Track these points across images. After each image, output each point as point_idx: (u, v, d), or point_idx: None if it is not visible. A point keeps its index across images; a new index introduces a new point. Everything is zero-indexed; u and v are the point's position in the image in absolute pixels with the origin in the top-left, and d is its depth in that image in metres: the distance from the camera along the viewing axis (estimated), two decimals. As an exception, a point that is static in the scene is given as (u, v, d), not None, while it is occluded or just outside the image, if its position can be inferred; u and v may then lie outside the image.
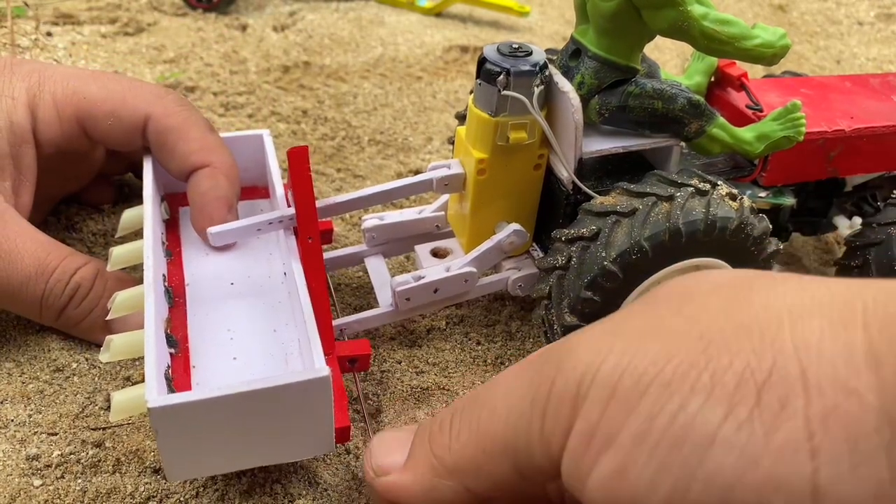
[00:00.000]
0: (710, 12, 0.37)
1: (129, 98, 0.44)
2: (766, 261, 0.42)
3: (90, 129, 0.44)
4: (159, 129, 0.43)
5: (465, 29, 0.89)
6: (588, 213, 0.40)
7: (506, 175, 0.42)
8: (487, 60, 0.39)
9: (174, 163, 0.44)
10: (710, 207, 0.38)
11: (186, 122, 0.44)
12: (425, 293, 0.43)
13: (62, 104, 0.43)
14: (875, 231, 0.48)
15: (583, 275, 0.39)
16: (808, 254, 0.59)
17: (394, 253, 0.49)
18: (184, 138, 0.43)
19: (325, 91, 0.74)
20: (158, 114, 0.43)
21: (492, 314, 0.50)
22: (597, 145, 0.41)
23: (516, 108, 0.39)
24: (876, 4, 1.04)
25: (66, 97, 0.43)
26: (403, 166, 0.64)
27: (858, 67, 0.88)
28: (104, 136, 0.44)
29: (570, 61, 0.42)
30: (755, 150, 0.43)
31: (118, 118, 0.43)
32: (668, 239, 0.38)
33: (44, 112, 0.43)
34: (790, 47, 0.39)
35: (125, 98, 0.44)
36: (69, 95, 0.43)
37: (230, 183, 0.43)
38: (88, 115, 0.43)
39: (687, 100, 0.40)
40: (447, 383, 0.45)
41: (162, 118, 0.43)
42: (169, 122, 0.43)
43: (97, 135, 0.44)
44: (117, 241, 0.52)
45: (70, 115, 0.43)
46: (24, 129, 0.42)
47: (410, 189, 0.44)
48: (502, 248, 0.43)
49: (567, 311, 0.40)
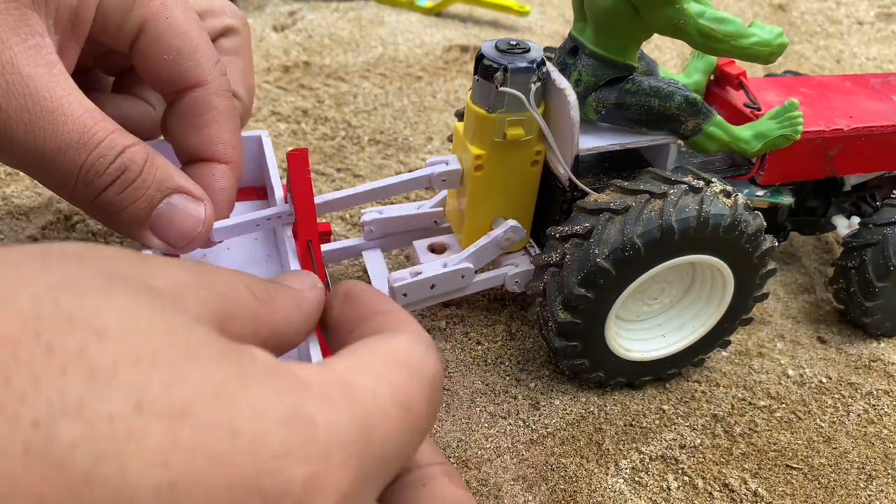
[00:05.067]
0: (707, 10, 0.37)
1: (199, 52, 0.38)
2: (762, 258, 0.42)
3: (141, 46, 0.38)
4: (203, 103, 0.39)
5: (464, 28, 0.90)
6: (582, 211, 0.40)
7: (503, 171, 0.42)
8: (485, 57, 0.39)
9: (196, 140, 0.40)
10: (703, 204, 0.38)
11: (230, 111, 0.40)
12: (422, 289, 0.43)
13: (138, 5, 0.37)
14: (871, 231, 0.48)
15: (576, 271, 0.39)
16: (808, 253, 0.59)
17: (392, 247, 0.50)
18: (221, 125, 0.40)
19: (325, 91, 0.74)
20: (212, 87, 0.39)
21: (492, 314, 0.50)
22: (594, 142, 0.41)
23: (513, 104, 0.39)
24: (876, 4, 1.04)
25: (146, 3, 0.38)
26: (403, 166, 0.64)
27: (858, 67, 0.88)
28: (146, 58, 0.38)
29: (567, 58, 0.42)
30: (752, 149, 0.43)
31: (176, 60, 0.38)
32: (660, 236, 0.38)
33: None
34: (787, 46, 0.39)
35: (197, 50, 0.38)
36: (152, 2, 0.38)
37: (236, 188, 0.43)
38: (154, 34, 0.38)
39: (684, 97, 0.40)
40: (447, 383, 0.45)
41: (212, 94, 0.39)
42: (216, 101, 0.39)
43: (141, 54, 0.38)
44: (117, 240, 0.52)
45: (139, 16, 0.38)
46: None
47: (408, 185, 0.44)
48: (499, 244, 0.44)
49: (561, 308, 0.40)
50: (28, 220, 0.53)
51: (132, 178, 0.36)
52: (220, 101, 0.39)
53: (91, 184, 0.35)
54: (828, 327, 0.53)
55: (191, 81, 0.39)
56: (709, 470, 0.42)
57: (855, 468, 0.43)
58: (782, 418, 0.45)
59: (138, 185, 0.36)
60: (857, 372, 0.49)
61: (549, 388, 0.46)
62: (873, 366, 0.50)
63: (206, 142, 0.39)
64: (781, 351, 0.50)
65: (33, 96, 0.33)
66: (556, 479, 0.41)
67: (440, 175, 0.43)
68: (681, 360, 0.46)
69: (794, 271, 0.57)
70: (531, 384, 0.46)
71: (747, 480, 0.42)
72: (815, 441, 0.44)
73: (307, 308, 0.27)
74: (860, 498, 0.41)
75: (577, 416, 0.44)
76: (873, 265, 0.47)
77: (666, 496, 0.40)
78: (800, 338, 0.51)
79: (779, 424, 0.45)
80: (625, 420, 0.44)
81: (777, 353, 0.50)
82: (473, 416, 0.44)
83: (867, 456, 0.44)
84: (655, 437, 0.43)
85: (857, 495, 0.41)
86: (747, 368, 0.49)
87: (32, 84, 0.33)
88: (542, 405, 0.45)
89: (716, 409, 0.46)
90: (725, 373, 0.48)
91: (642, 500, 0.40)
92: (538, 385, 0.46)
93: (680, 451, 0.43)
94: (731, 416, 0.45)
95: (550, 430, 0.43)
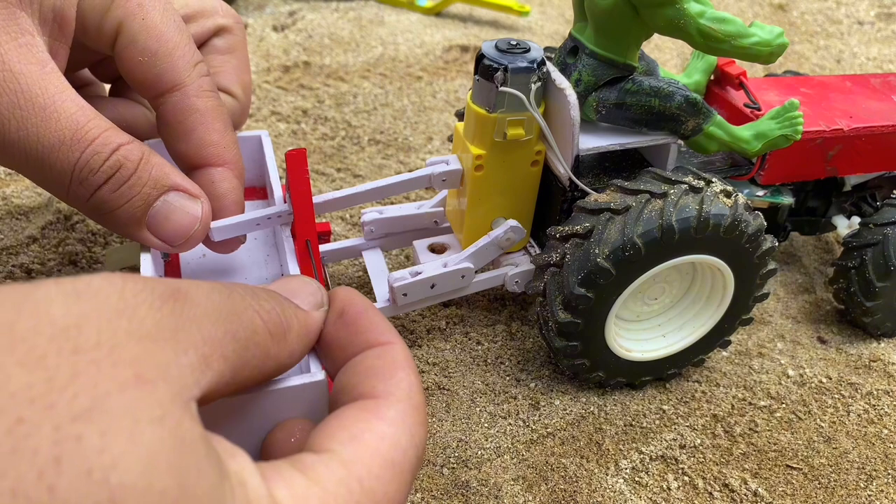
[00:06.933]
0: (707, 10, 0.37)
1: (175, 54, 0.38)
2: (762, 258, 0.42)
3: (119, 47, 0.38)
4: (184, 107, 0.38)
5: (464, 28, 0.90)
6: (582, 210, 0.40)
7: (503, 171, 0.42)
8: (485, 57, 0.39)
9: (185, 146, 0.39)
10: (704, 204, 0.38)
11: (214, 111, 0.39)
12: (422, 288, 0.43)
13: (118, 4, 0.37)
14: (872, 231, 0.48)
15: (576, 271, 0.39)
16: (808, 253, 0.59)
17: (392, 247, 0.49)
18: (207, 127, 0.39)
19: (325, 91, 0.74)
20: (191, 89, 0.38)
21: (492, 314, 0.50)
22: (594, 142, 0.41)
23: (514, 104, 0.39)
24: (876, 4, 1.04)
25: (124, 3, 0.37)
26: (403, 166, 0.64)
27: (858, 67, 0.88)
28: (124, 60, 0.38)
29: (567, 58, 0.42)
30: (752, 149, 0.43)
31: (152, 62, 0.37)
32: (661, 236, 0.38)
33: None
34: (787, 46, 0.39)
35: (173, 51, 0.38)
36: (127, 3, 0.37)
37: (242, 186, 0.43)
38: (130, 35, 0.37)
39: (684, 97, 0.40)
40: (447, 383, 0.45)
41: (192, 96, 0.38)
42: (197, 103, 0.39)
43: (119, 56, 0.38)
44: (116, 240, 0.52)
45: (116, 17, 0.37)
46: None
47: (408, 185, 0.44)
48: (499, 244, 0.43)
49: (561, 308, 0.40)
50: (28, 220, 0.53)
51: (127, 175, 0.35)
52: (201, 103, 0.39)
53: (85, 181, 0.35)
54: (828, 327, 0.53)
55: (167, 84, 0.38)
56: (709, 470, 0.42)
57: (855, 468, 0.43)
58: (782, 418, 0.45)
59: (133, 183, 0.35)
60: (858, 372, 0.49)
61: (549, 388, 0.46)
62: (873, 366, 0.50)
63: (195, 147, 0.39)
64: (781, 351, 0.50)
65: (25, 93, 0.33)
66: (556, 479, 0.41)
67: (440, 175, 0.43)
68: (681, 360, 0.46)
69: (794, 271, 0.57)
70: (531, 384, 0.46)
71: (747, 480, 0.42)
72: (816, 441, 0.44)
73: (313, 335, 0.28)
74: (860, 498, 0.41)
75: (577, 416, 0.44)
76: (874, 265, 0.47)
77: (666, 496, 0.40)
78: (800, 338, 0.51)
79: (779, 424, 0.45)
80: (625, 420, 0.44)
81: (777, 353, 0.50)
82: (473, 416, 0.43)
83: (867, 456, 0.44)
84: (655, 437, 0.43)
85: (857, 495, 0.41)
86: (747, 368, 0.49)
87: (24, 81, 0.33)
88: (542, 405, 0.45)
89: (716, 409, 0.46)
90: (725, 373, 0.48)
91: (642, 500, 0.40)
92: (538, 385, 0.46)
93: (680, 451, 0.43)
94: (731, 416, 0.45)
95: (550, 430, 0.43)
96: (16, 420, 0.16)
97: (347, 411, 0.25)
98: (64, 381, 0.17)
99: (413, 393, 0.25)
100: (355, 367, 0.27)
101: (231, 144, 0.40)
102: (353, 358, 0.27)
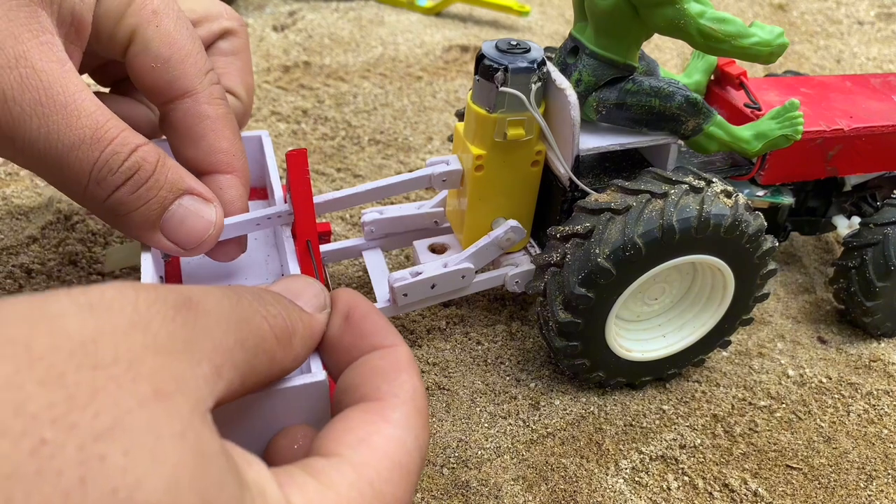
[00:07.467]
0: (707, 10, 0.37)
1: (188, 61, 0.38)
2: (762, 258, 0.42)
3: (131, 54, 0.38)
4: (195, 113, 0.38)
5: (464, 28, 0.90)
6: (583, 210, 0.40)
7: (503, 171, 0.42)
8: (485, 57, 0.39)
9: (194, 152, 0.39)
10: (704, 205, 0.38)
11: (225, 118, 0.40)
12: (423, 289, 0.43)
13: (134, 9, 0.37)
14: (872, 231, 0.48)
15: (577, 271, 0.39)
16: (809, 253, 0.59)
17: (392, 247, 0.49)
18: (217, 134, 0.39)
19: (325, 91, 0.74)
20: (202, 96, 0.38)
21: (492, 314, 0.50)
22: (594, 142, 0.41)
23: (514, 104, 0.39)
24: (876, 4, 1.04)
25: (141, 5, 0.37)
26: (403, 166, 0.64)
27: (858, 67, 0.88)
28: (136, 67, 0.38)
29: (568, 58, 0.42)
30: (753, 149, 0.43)
31: (164, 68, 0.37)
32: (661, 236, 0.38)
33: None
34: (787, 46, 0.39)
35: (186, 59, 0.38)
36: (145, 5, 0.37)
37: (247, 194, 0.43)
38: (143, 42, 0.37)
39: (684, 97, 0.40)
40: (447, 383, 0.45)
41: (203, 103, 0.38)
42: (208, 110, 0.39)
43: (131, 62, 0.38)
44: (116, 240, 0.52)
45: (130, 24, 0.37)
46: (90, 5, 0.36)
47: (408, 185, 0.44)
48: (499, 244, 0.44)
49: (561, 308, 0.40)
50: (28, 220, 0.53)
51: (145, 177, 0.35)
52: (212, 110, 0.39)
53: (104, 182, 0.34)
54: (828, 327, 0.53)
55: (179, 91, 0.38)
56: (709, 470, 0.42)
57: (855, 468, 0.43)
58: (782, 418, 0.45)
59: (151, 186, 0.35)
60: (858, 372, 0.49)
61: (549, 388, 0.46)
62: (873, 366, 0.50)
63: (205, 153, 0.39)
64: (781, 351, 0.50)
65: (47, 90, 0.33)
66: (556, 479, 0.41)
67: (440, 175, 0.43)
68: (681, 360, 0.46)
69: (794, 271, 0.57)
70: (531, 384, 0.46)
71: (747, 480, 0.42)
72: (816, 441, 0.44)
73: (316, 337, 0.28)
74: (860, 498, 0.41)
75: (577, 416, 0.44)
76: (874, 265, 0.47)
77: (666, 496, 0.40)
78: (800, 338, 0.51)
79: (779, 424, 0.45)
80: (625, 420, 0.44)
81: (777, 353, 0.50)
82: (473, 416, 0.43)
83: (867, 456, 0.44)
84: (655, 437, 0.43)
85: (857, 495, 0.41)
86: (747, 368, 0.49)
87: (45, 78, 0.33)
88: (542, 405, 0.45)
89: (716, 409, 0.46)
90: (725, 373, 0.48)
91: (642, 500, 0.40)
92: (538, 385, 0.46)
93: (680, 451, 0.43)
94: (731, 416, 0.45)
95: (550, 430, 0.43)
96: (39, 441, 0.16)
97: (353, 413, 0.25)
98: (85, 399, 0.17)
99: (417, 395, 0.26)
100: (359, 369, 0.27)
101: (240, 153, 0.40)
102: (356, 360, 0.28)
